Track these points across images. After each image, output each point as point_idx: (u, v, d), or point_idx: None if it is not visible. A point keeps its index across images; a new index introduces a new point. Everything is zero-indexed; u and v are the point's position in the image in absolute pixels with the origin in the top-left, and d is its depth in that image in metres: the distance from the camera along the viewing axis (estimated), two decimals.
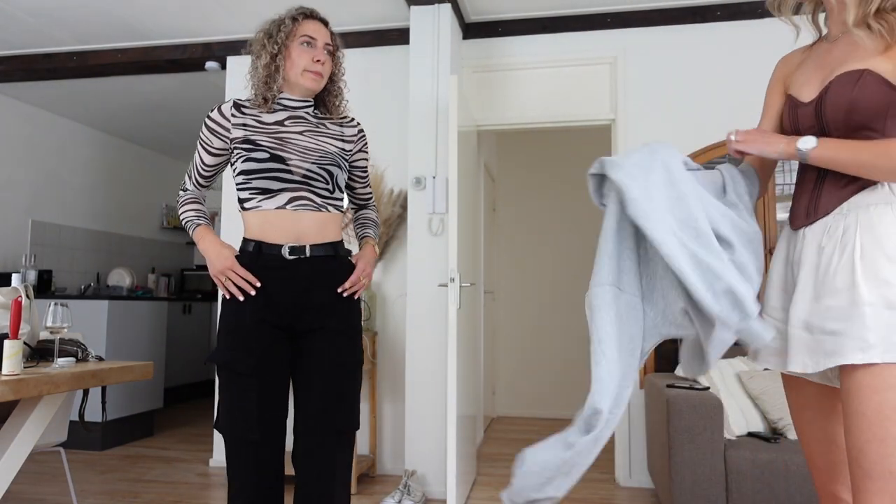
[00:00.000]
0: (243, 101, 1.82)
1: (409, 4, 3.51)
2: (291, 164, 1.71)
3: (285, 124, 1.78)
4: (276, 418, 1.69)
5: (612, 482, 3.58)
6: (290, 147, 1.73)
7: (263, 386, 1.65)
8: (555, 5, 3.65)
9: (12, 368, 1.83)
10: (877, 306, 1.11)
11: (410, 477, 3.19)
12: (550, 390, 5.58)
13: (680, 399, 2.62)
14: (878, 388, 1.09)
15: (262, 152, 1.70)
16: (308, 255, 1.71)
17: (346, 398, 1.72)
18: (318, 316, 1.72)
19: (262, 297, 1.68)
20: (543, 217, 5.78)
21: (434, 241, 3.39)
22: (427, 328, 3.36)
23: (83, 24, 3.83)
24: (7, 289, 2.16)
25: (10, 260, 5.02)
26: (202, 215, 1.85)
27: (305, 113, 1.83)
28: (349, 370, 1.74)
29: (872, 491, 1.09)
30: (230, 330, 1.69)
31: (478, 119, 3.87)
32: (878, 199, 1.17)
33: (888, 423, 1.08)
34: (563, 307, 5.64)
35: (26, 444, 2.08)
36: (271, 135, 1.75)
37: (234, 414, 1.64)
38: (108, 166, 6.15)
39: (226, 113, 1.78)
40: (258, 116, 1.78)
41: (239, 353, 1.65)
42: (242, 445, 1.64)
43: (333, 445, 1.69)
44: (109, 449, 4.30)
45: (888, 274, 1.12)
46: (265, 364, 1.66)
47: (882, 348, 1.10)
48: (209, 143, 1.79)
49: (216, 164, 1.84)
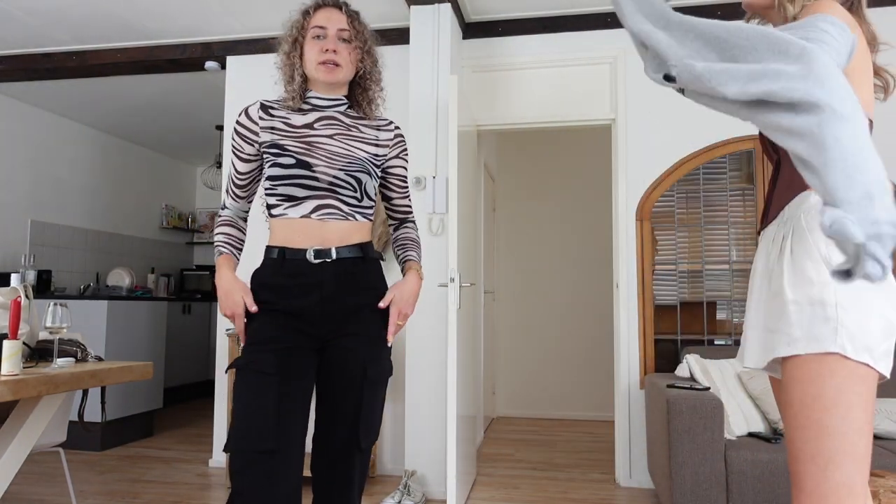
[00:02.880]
0: (271, 103, 1.72)
1: (409, 4, 3.50)
2: (318, 170, 1.61)
3: (315, 127, 1.68)
4: (295, 427, 1.52)
5: (612, 482, 3.57)
6: (317, 152, 1.63)
7: (285, 388, 1.51)
8: (555, 5, 3.65)
9: (11, 369, 1.82)
10: (801, 304, 1.20)
11: (410, 477, 3.18)
12: (550, 390, 5.58)
13: (680, 399, 2.62)
14: (801, 379, 1.18)
15: (288, 157, 1.61)
16: (334, 258, 1.60)
17: (371, 414, 1.61)
18: (346, 323, 1.62)
19: (287, 304, 1.59)
20: (543, 217, 5.78)
21: (434, 241, 3.38)
22: (427, 328, 3.36)
23: (83, 23, 3.83)
24: (6, 289, 2.16)
25: (9, 260, 5.01)
26: (230, 241, 1.72)
27: (338, 113, 1.72)
28: (376, 384, 1.62)
29: (799, 474, 1.18)
30: (252, 336, 1.58)
31: (478, 119, 3.86)
32: (809, 207, 1.25)
33: (808, 411, 1.16)
34: (562, 307, 5.64)
35: (26, 444, 2.08)
36: (299, 139, 1.65)
37: (249, 420, 1.47)
38: (108, 166, 6.15)
39: (253, 116, 1.68)
40: (287, 119, 1.68)
41: (261, 354, 1.53)
42: (254, 459, 1.46)
43: (356, 460, 1.60)
44: (109, 449, 4.30)
45: (812, 274, 1.20)
46: (288, 364, 1.54)
47: (805, 341, 1.18)
48: (240, 150, 1.70)
49: (250, 170, 1.73)
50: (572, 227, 5.70)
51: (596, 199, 5.66)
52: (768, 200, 1.38)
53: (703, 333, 3.57)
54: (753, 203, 3.57)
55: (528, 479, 3.63)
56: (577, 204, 5.70)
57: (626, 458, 3.54)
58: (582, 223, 5.68)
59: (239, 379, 1.54)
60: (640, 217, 3.63)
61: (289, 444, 1.48)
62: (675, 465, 2.59)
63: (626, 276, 3.61)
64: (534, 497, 3.29)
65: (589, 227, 5.67)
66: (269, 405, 1.48)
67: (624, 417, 3.56)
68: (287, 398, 1.51)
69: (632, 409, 3.55)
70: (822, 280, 1.18)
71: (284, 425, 1.49)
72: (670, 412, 2.62)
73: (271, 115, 1.68)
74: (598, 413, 5.44)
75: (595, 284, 5.60)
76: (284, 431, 1.48)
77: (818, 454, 1.15)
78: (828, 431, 1.14)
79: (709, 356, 3.27)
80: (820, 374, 1.16)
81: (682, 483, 2.58)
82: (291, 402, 1.51)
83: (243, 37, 4.00)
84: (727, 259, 3.58)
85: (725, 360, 3.15)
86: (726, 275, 3.58)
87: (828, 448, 1.14)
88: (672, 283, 3.63)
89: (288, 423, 1.49)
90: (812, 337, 1.17)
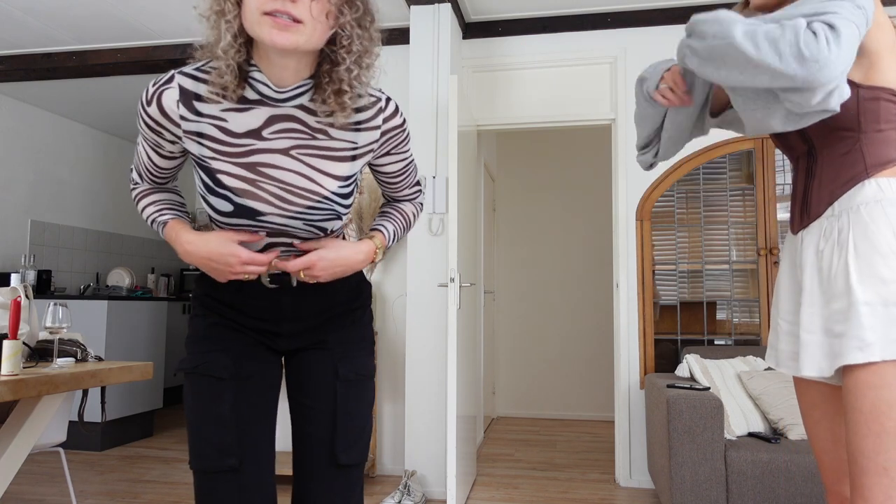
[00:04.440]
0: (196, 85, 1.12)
1: (409, 4, 3.50)
2: (266, 218, 1.16)
3: (263, 135, 1.14)
4: (260, 436, 1.25)
5: (612, 482, 3.57)
6: (265, 187, 1.14)
7: (242, 393, 1.23)
8: (555, 5, 3.65)
9: (11, 369, 1.82)
10: (873, 304, 1.12)
11: (410, 477, 3.18)
12: (550, 390, 5.58)
13: (680, 399, 2.62)
14: (874, 384, 1.11)
15: (223, 200, 1.14)
16: (294, 285, 1.27)
17: (350, 422, 1.28)
18: (313, 336, 1.33)
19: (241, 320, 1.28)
20: (543, 217, 5.78)
21: (434, 241, 3.38)
22: (427, 328, 3.36)
23: (83, 23, 3.83)
24: (6, 289, 2.16)
25: (9, 260, 5.01)
26: (168, 206, 1.28)
27: (297, 109, 1.15)
28: (352, 384, 1.30)
29: (867, 486, 1.10)
30: (199, 334, 1.27)
31: (478, 119, 3.86)
32: (867, 198, 1.18)
33: (883, 419, 1.09)
34: (563, 307, 5.64)
35: (26, 444, 2.08)
36: (239, 159, 1.13)
37: (205, 433, 1.20)
38: (108, 166, 6.14)
39: (170, 112, 1.12)
40: (222, 121, 1.13)
41: (211, 354, 1.23)
42: (217, 477, 1.19)
43: (337, 485, 1.27)
44: (109, 449, 4.30)
45: (883, 271, 1.13)
46: (244, 366, 1.25)
47: (880, 346, 1.11)
48: (156, 146, 1.20)
49: (173, 167, 1.27)
50: (572, 226, 5.70)
51: (596, 199, 5.66)
52: (805, 196, 1.29)
53: (703, 333, 3.57)
54: (753, 203, 3.57)
55: (528, 479, 3.63)
56: (577, 204, 5.70)
57: (626, 458, 3.54)
58: (582, 223, 5.68)
59: (188, 385, 1.24)
60: (640, 217, 3.63)
61: (255, 456, 1.23)
62: (675, 465, 2.59)
63: (626, 276, 3.61)
64: (534, 497, 3.29)
65: (589, 227, 5.67)
66: (224, 415, 1.20)
67: (624, 417, 3.56)
68: (246, 404, 1.24)
69: (632, 409, 3.55)
70: None
71: (247, 435, 1.22)
72: (670, 412, 2.62)
73: (197, 114, 1.12)
74: (598, 413, 5.44)
75: (595, 284, 5.60)
76: (248, 442, 1.22)
77: (892, 465, 1.08)
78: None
79: (709, 356, 3.27)
80: None
81: (681, 483, 2.58)
82: (251, 408, 1.24)
83: None
84: (727, 259, 3.58)
85: (725, 360, 3.15)
86: (726, 275, 3.58)
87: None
88: (672, 283, 3.63)
89: (251, 432, 1.23)
90: (890, 340, 1.10)
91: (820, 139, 1.26)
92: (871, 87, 1.19)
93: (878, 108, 1.19)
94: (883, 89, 1.19)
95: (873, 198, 1.17)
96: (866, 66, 1.19)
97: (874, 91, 1.19)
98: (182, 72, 1.13)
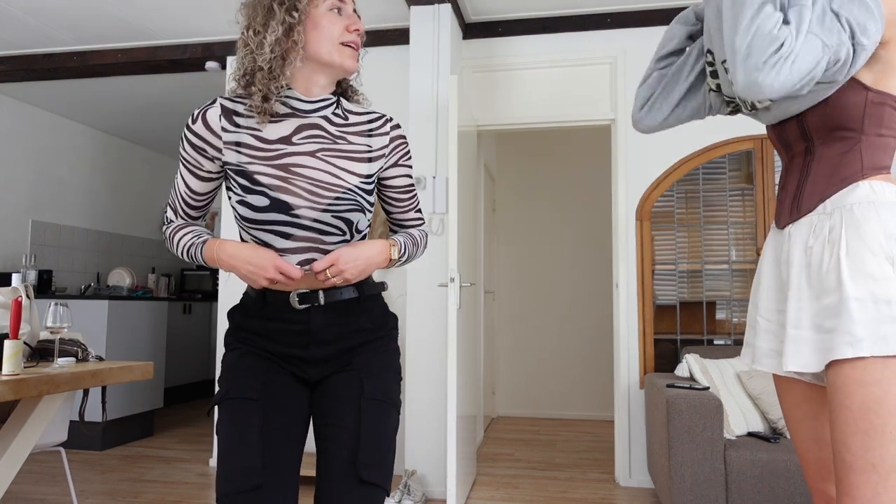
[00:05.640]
0: (235, 104, 1.30)
1: (409, 4, 3.51)
2: (299, 212, 1.27)
3: (293, 141, 1.29)
4: (286, 460, 1.28)
5: (611, 482, 3.58)
6: (296, 183, 1.27)
7: (270, 417, 1.28)
8: (555, 5, 3.65)
9: (12, 368, 1.83)
10: (864, 301, 1.13)
11: (410, 477, 3.19)
12: (550, 390, 5.58)
13: (680, 399, 2.62)
14: (863, 381, 1.11)
15: (260, 196, 1.25)
16: (322, 303, 1.32)
17: (375, 440, 1.29)
18: (340, 363, 1.36)
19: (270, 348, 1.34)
20: (543, 217, 5.78)
21: (434, 241, 3.39)
22: (427, 328, 3.36)
23: (83, 23, 3.84)
24: (7, 289, 2.16)
25: (10, 260, 5.02)
26: (204, 231, 1.38)
27: (321, 118, 1.33)
28: (377, 402, 1.33)
29: (855, 483, 1.11)
30: (230, 367, 1.34)
31: (478, 119, 3.87)
32: (860, 198, 1.20)
33: (871, 416, 1.09)
34: (562, 307, 5.65)
35: (26, 444, 2.08)
36: (273, 161, 1.27)
37: (233, 454, 1.23)
38: (108, 166, 6.15)
39: (213, 125, 1.28)
40: (258, 131, 1.29)
41: (241, 379, 1.30)
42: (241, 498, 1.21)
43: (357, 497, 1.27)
44: (109, 449, 4.30)
45: (874, 269, 1.14)
46: (272, 390, 1.31)
47: (870, 341, 1.11)
48: (197, 165, 1.31)
49: (210, 190, 1.36)
50: (572, 227, 5.70)
51: (596, 199, 5.66)
52: (798, 191, 1.29)
53: (703, 333, 3.57)
54: (753, 203, 3.57)
55: (528, 478, 3.64)
56: (577, 204, 5.71)
57: (626, 458, 3.55)
58: (582, 223, 5.68)
59: (220, 414, 1.30)
60: (640, 217, 3.63)
61: (279, 478, 1.25)
62: (675, 465, 2.60)
63: (626, 276, 3.61)
64: (534, 497, 3.29)
65: (589, 227, 5.67)
66: (252, 435, 1.25)
67: (624, 417, 3.56)
68: (274, 427, 1.28)
69: (632, 409, 3.55)
70: (886, 275, 1.13)
71: (273, 457, 1.25)
72: (670, 412, 2.62)
73: (237, 125, 1.28)
74: (598, 413, 5.44)
75: (595, 284, 5.60)
76: (273, 463, 1.25)
77: (881, 463, 1.08)
78: (893, 438, 1.08)
79: (708, 356, 3.27)
80: (885, 377, 1.09)
81: (681, 483, 2.59)
82: (279, 432, 1.28)
83: None
84: (727, 259, 3.58)
85: (725, 360, 3.15)
86: (726, 275, 3.59)
87: (892, 455, 1.08)
88: (672, 283, 3.64)
89: (277, 456, 1.26)
90: (879, 337, 1.11)
91: (821, 137, 1.26)
92: (880, 91, 1.21)
93: (882, 112, 1.21)
94: (890, 96, 1.21)
95: (866, 198, 1.19)
96: (878, 72, 1.21)
97: (882, 96, 1.21)
98: (222, 96, 1.33)
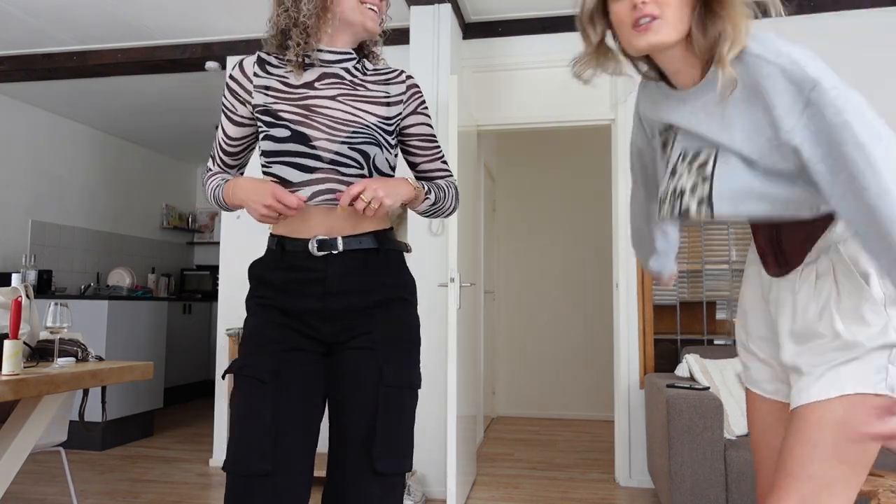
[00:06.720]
0: (270, 56, 1.44)
1: (409, 4, 3.51)
2: (317, 143, 1.34)
3: (315, 86, 1.40)
4: (298, 444, 1.28)
5: (612, 482, 3.58)
6: (316, 119, 1.36)
7: (282, 397, 1.28)
8: (555, 5, 3.65)
9: (12, 369, 1.83)
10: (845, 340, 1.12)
11: (410, 477, 3.19)
12: (550, 390, 5.58)
13: (680, 399, 2.62)
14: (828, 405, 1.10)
15: (281, 128, 1.34)
16: (341, 250, 1.34)
17: (392, 430, 1.29)
18: (356, 325, 1.35)
19: (285, 302, 1.36)
20: (543, 217, 5.78)
21: (434, 241, 3.39)
22: (427, 328, 3.36)
23: (83, 23, 3.84)
24: (7, 289, 2.16)
25: (10, 260, 5.02)
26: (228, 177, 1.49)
27: (342, 69, 1.44)
28: (397, 390, 1.32)
29: (785, 488, 1.11)
30: (249, 335, 1.36)
31: (478, 119, 3.87)
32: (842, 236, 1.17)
33: (824, 432, 1.09)
34: (562, 307, 5.64)
35: (26, 444, 2.08)
36: (296, 102, 1.38)
37: (245, 435, 1.25)
38: (108, 166, 6.15)
39: (248, 71, 1.42)
40: (285, 77, 1.41)
41: (256, 357, 1.32)
42: (249, 481, 1.23)
43: (372, 489, 1.27)
44: (109, 449, 4.30)
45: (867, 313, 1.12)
46: (287, 370, 1.31)
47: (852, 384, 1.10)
48: (232, 110, 1.45)
49: (243, 136, 1.47)
50: (572, 226, 5.70)
51: (596, 199, 5.66)
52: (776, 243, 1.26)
53: (703, 333, 3.57)
54: None
55: (528, 478, 3.64)
56: (576, 204, 5.71)
57: (626, 458, 3.55)
58: (582, 223, 5.68)
59: (236, 385, 1.32)
60: None
61: (289, 464, 1.26)
62: (675, 465, 2.60)
63: (626, 276, 3.61)
64: (534, 497, 3.29)
65: (589, 227, 5.67)
66: (264, 419, 1.26)
67: (624, 417, 3.56)
68: (286, 410, 1.28)
69: (632, 409, 3.55)
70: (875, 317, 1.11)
71: (283, 442, 1.26)
72: (670, 412, 2.62)
73: (268, 73, 1.42)
74: (598, 413, 5.44)
75: (595, 284, 5.60)
76: (283, 449, 1.26)
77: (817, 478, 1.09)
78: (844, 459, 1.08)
79: (708, 356, 3.27)
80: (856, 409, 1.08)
81: (681, 483, 2.58)
82: (291, 415, 1.28)
83: (243, 37, 4.00)
84: (727, 259, 3.58)
85: (725, 360, 3.15)
86: (726, 275, 3.59)
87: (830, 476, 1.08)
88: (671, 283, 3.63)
89: (288, 439, 1.27)
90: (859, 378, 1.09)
91: None
92: None
93: None
94: None
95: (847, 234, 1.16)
96: None
97: None
98: (260, 51, 1.47)
